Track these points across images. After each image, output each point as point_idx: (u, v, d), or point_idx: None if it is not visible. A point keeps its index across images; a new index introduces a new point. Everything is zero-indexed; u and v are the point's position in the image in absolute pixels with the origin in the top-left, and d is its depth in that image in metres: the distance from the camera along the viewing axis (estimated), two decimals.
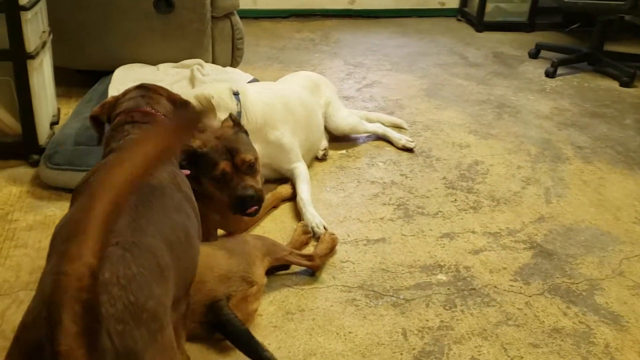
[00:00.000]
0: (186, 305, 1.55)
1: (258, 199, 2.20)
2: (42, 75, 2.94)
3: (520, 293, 2.23)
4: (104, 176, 0.90)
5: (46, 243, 2.27)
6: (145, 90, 1.73)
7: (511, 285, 2.26)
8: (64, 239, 1.17)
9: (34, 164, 2.82)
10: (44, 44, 2.92)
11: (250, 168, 2.21)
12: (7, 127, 2.86)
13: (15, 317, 1.96)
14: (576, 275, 2.34)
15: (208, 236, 2.17)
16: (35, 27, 2.81)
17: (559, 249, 2.50)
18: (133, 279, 1.09)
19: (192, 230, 1.45)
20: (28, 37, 2.67)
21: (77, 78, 3.83)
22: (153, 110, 1.63)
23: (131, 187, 0.91)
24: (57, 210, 2.55)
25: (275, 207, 2.66)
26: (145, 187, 1.36)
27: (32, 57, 2.70)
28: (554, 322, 2.09)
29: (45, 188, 2.68)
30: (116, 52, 3.61)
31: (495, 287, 2.25)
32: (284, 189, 2.74)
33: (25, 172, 2.81)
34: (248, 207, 2.18)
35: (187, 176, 2.16)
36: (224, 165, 2.16)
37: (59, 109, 3.32)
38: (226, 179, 2.18)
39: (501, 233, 2.59)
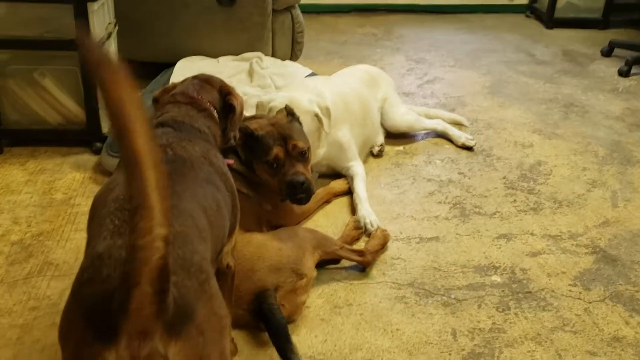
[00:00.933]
0: (232, 277, 1.63)
1: (307, 187, 2.20)
2: None
3: (579, 299, 2.13)
4: (127, 149, 0.91)
5: None
6: (199, 80, 1.77)
7: (570, 290, 2.17)
8: (117, 209, 1.19)
9: (97, 152, 2.90)
10: (109, 35, 3.00)
11: (302, 155, 2.22)
12: (73, 115, 2.96)
13: None
14: None
15: (261, 227, 2.18)
16: (101, 18, 2.89)
17: (623, 255, 2.38)
18: (178, 236, 1.14)
19: (222, 202, 1.48)
20: (94, 27, 2.75)
21: (141, 70, 3.92)
22: (198, 96, 1.66)
23: (154, 144, 0.92)
24: None
25: (327, 201, 2.64)
26: (176, 159, 1.41)
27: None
28: (614, 331, 1.99)
29: (106, 175, 2.75)
30: (178, 44, 3.68)
31: (553, 291, 2.16)
32: (338, 184, 2.71)
33: (88, 159, 2.90)
34: (297, 193, 2.18)
35: (240, 160, 2.18)
36: (277, 150, 2.17)
37: None
38: (278, 164, 2.19)
39: (562, 236, 2.49)
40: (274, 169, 2.19)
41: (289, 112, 2.30)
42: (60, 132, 2.96)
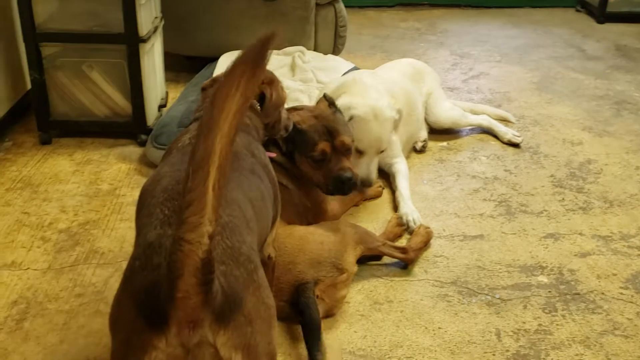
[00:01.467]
0: (272, 268, 1.63)
1: (354, 183, 2.18)
2: (153, 60, 3.06)
3: (631, 302, 2.05)
4: (204, 144, 0.90)
5: None
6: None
7: (621, 293, 2.09)
8: (166, 199, 1.21)
9: (142, 144, 2.94)
10: (155, 29, 3.04)
11: (348, 150, 2.19)
12: (119, 108, 3.00)
13: (117, 285, 2.05)
14: None
15: (301, 220, 2.17)
16: (148, 12, 2.92)
17: None
18: (226, 226, 1.14)
19: (265, 193, 1.48)
20: (141, 21, 2.78)
21: (185, 64, 3.97)
22: None
23: (230, 150, 0.92)
24: None
25: (357, 204, 2.58)
26: None
27: (144, 40, 2.81)
28: None
29: (150, 166, 2.79)
30: (222, 39, 3.70)
31: (603, 293, 2.09)
32: (371, 189, 2.66)
33: (133, 150, 2.94)
34: (344, 189, 2.16)
35: (281, 151, 2.16)
36: (324, 145, 2.13)
37: (167, 93, 3.45)
38: (324, 159, 2.15)
39: (613, 237, 2.40)
40: (318, 163, 2.16)
41: (331, 103, 2.28)
42: (107, 124, 3.01)
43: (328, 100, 2.28)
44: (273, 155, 2.06)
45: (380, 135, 2.51)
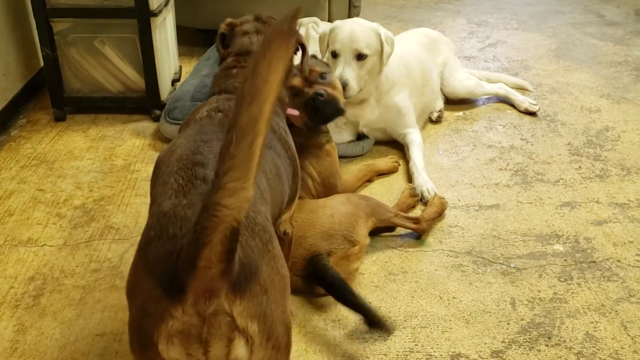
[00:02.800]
0: (288, 243, 1.63)
1: (330, 99, 2.10)
2: (165, 34, 3.05)
3: None
4: (248, 111, 0.88)
5: None
6: (262, 24, 1.74)
7: (637, 261, 2.07)
8: (180, 169, 1.20)
9: (156, 119, 2.95)
10: (167, 2, 3.02)
11: (322, 77, 2.15)
12: (132, 83, 3.00)
13: (132, 260, 2.08)
14: None
15: (309, 193, 2.16)
16: None
17: None
18: None
19: (282, 169, 1.47)
20: None
21: (198, 37, 3.95)
22: None
23: (270, 120, 0.90)
24: None
25: (370, 180, 2.55)
26: None
27: (155, 14, 2.80)
28: None
29: (165, 141, 2.79)
30: (235, 11, 3.64)
31: (619, 261, 2.06)
32: (383, 162, 2.61)
33: (147, 126, 2.94)
34: (318, 106, 2.08)
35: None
36: (294, 80, 2.11)
37: (180, 67, 3.44)
38: (298, 93, 2.11)
39: (630, 204, 2.37)
40: (294, 100, 2.09)
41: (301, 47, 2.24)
42: (120, 100, 3.01)
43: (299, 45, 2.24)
44: (295, 113, 2.05)
45: (354, 32, 2.49)
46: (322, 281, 1.79)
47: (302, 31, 3.49)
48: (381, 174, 2.59)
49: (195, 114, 1.48)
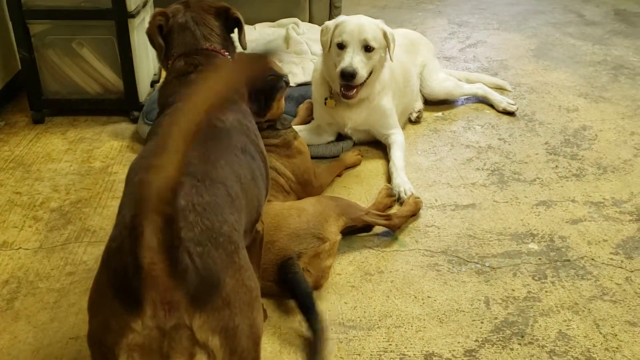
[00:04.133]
0: (259, 242, 1.60)
1: (276, 76, 2.10)
2: (142, 34, 3.03)
3: (621, 267, 2.05)
4: (180, 112, 0.91)
5: None
6: (192, 11, 1.64)
7: (611, 259, 2.09)
8: (141, 167, 1.21)
9: (134, 120, 2.94)
10: (145, 3, 3.01)
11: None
12: (111, 85, 2.99)
13: None
14: None
15: (285, 195, 2.16)
16: None
17: None
18: (207, 206, 1.11)
19: (257, 172, 1.46)
20: None
21: None
22: (212, 47, 1.57)
23: (203, 119, 0.91)
24: None
25: (339, 175, 2.57)
26: (212, 128, 1.37)
27: (132, 16, 2.79)
28: None
29: (143, 143, 2.79)
30: None
31: (593, 259, 2.09)
32: (349, 157, 2.65)
33: (126, 127, 2.93)
34: (267, 87, 2.05)
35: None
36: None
37: (160, 68, 3.43)
38: None
39: (605, 203, 2.39)
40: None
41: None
42: (99, 102, 3.00)
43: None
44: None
45: (362, 25, 2.53)
46: (291, 291, 1.79)
47: (281, 32, 3.50)
48: (347, 167, 2.62)
49: (161, 121, 1.45)
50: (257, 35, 3.48)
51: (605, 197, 2.43)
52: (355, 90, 2.54)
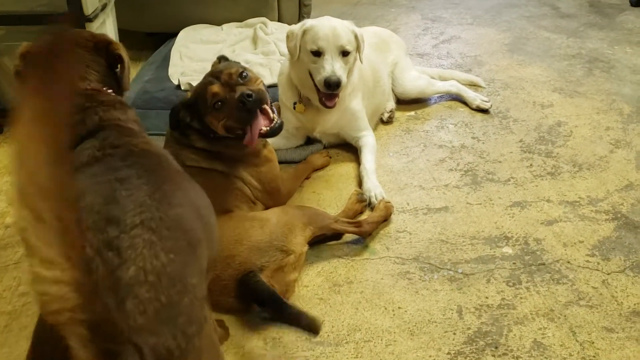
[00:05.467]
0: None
1: (257, 98, 1.89)
2: None
3: (597, 270, 1.99)
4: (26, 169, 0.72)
5: None
6: (61, 49, 1.49)
7: (587, 261, 2.03)
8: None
9: None
10: (104, 7, 2.89)
11: (242, 77, 1.94)
12: None
13: None
14: None
15: (249, 205, 2.07)
16: None
17: None
18: (163, 272, 0.93)
19: (207, 200, 1.34)
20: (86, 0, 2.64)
21: (147, 41, 3.83)
22: (92, 87, 1.40)
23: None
24: None
25: (307, 177, 2.50)
26: (148, 153, 1.23)
27: (90, 20, 2.68)
28: (634, 304, 1.85)
29: None
30: (182, 13, 3.56)
31: (569, 262, 2.03)
32: (316, 158, 2.57)
33: None
34: (249, 105, 1.86)
35: (202, 135, 1.97)
36: (214, 88, 1.91)
37: None
38: (222, 101, 1.91)
39: (581, 202, 2.33)
40: (221, 111, 1.91)
41: (220, 58, 2.13)
42: None
43: (218, 58, 2.13)
44: (253, 141, 1.92)
45: (335, 29, 2.41)
46: (256, 299, 1.71)
47: (249, 32, 3.40)
48: (316, 169, 2.54)
49: (77, 160, 1.23)
50: (224, 37, 3.38)
51: (580, 195, 2.37)
52: (336, 97, 2.44)
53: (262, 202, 2.10)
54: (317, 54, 2.41)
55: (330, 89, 2.37)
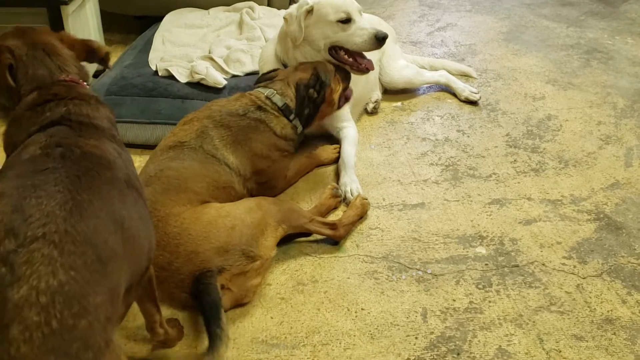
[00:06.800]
0: (148, 279, 1.39)
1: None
2: (82, 22, 2.86)
3: (573, 273, 1.91)
4: None
5: None
6: (34, 37, 1.43)
7: (563, 264, 1.95)
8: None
9: None
10: None
11: None
12: None
13: None
14: None
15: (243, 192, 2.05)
16: None
17: (630, 222, 2.13)
18: (59, 292, 0.87)
19: (145, 210, 1.27)
20: None
21: (135, 24, 3.76)
22: (71, 78, 1.37)
23: None
24: None
25: (309, 171, 2.44)
26: (88, 156, 1.17)
27: (65, 2, 2.62)
28: (607, 311, 1.77)
29: None
30: None
31: (544, 264, 1.95)
32: (326, 153, 2.49)
33: None
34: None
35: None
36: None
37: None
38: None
39: (563, 201, 2.25)
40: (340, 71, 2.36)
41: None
42: None
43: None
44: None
45: None
46: (198, 298, 1.65)
47: (236, 17, 3.32)
48: (322, 164, 2.47)
49: (20, 154, 1.19)
50: (210, 21, 3.30)
51: (563, 194, 2.29)
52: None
53: (252, 194, 2.07)
54: (347, 21, 2.37)
55: (381, 44, 2.37)
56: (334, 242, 2.04)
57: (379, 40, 2.35)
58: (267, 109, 2.11)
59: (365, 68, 2.43)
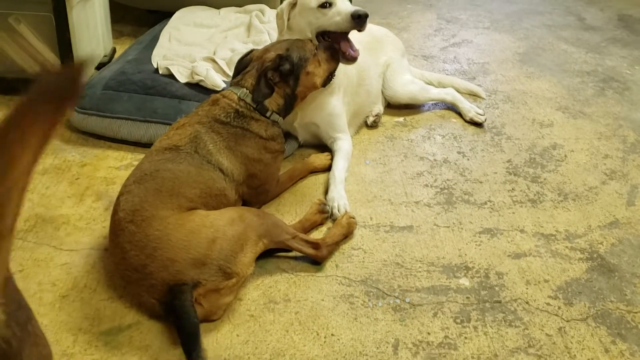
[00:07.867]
0: None
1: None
2: (87, 13, 2.83)
3: (556, 315, 1.83)
4: None
5: (54, 190, 2.19)
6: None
7: (547, 304, 1.87)
8: None
9: None
10: None
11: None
12: (50, 65, 2.79)
13: None
14: (637, 302, 1.90)
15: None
16: None
17: (624, 265, 2.05)
18: None
19: None
20: None
21: (148, 18, 3.73)
22: None
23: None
24: (78, 155, 2.46)
25: (303, 177, 2.39)
26: None
27: None
28: (588, 359, 1.69)
29: (74, 131, 2.60)
30: None
31: (527, 303, 1.87)
32: (318, 159, 2.45)
33: None
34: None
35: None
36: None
37: (114, 49, 3.23)
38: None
39: (557, 236, 2.17)
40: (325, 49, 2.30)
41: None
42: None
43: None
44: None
45: None
46: (176, 319, 1.60)
47: (245, 19, 3.27)
48: (315, 171, 2.44)
49: None
50: (219, 21, 3.25)
51: (558, 229, 2.20)
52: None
53: (246, 198, 2.06)
54: (328, 5, 2.33)
55: (361, 20, 2.30)
56: (314, 260, 1.98)
57: (356, 18, 2.28)
58: (245, 114, 2.06)
59: (350, 56, 2.37)
